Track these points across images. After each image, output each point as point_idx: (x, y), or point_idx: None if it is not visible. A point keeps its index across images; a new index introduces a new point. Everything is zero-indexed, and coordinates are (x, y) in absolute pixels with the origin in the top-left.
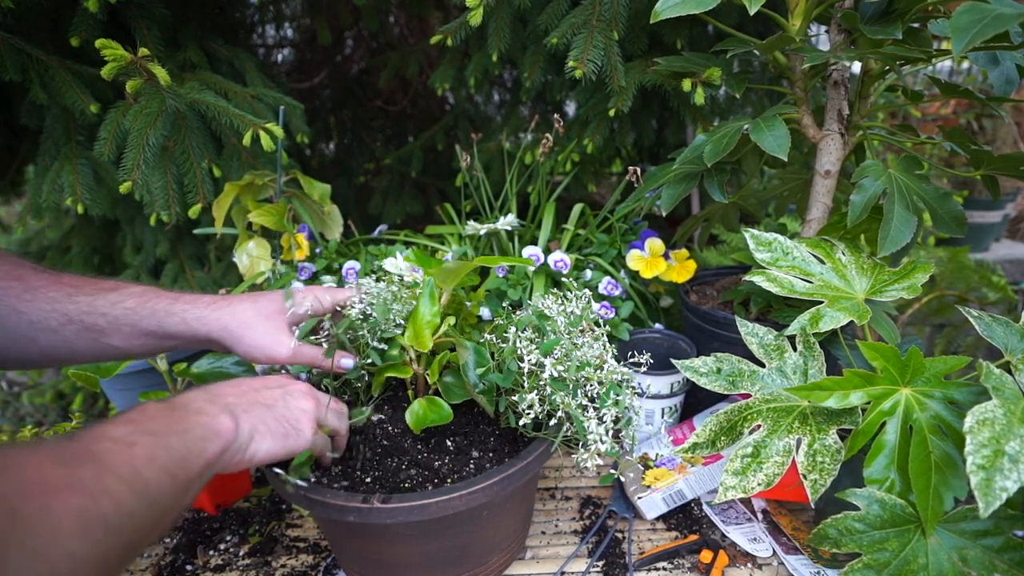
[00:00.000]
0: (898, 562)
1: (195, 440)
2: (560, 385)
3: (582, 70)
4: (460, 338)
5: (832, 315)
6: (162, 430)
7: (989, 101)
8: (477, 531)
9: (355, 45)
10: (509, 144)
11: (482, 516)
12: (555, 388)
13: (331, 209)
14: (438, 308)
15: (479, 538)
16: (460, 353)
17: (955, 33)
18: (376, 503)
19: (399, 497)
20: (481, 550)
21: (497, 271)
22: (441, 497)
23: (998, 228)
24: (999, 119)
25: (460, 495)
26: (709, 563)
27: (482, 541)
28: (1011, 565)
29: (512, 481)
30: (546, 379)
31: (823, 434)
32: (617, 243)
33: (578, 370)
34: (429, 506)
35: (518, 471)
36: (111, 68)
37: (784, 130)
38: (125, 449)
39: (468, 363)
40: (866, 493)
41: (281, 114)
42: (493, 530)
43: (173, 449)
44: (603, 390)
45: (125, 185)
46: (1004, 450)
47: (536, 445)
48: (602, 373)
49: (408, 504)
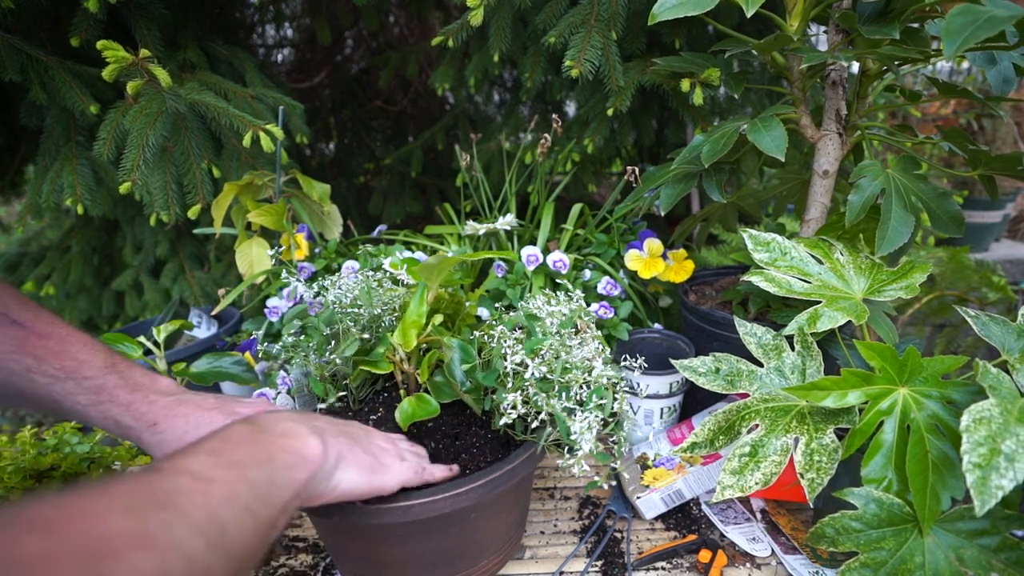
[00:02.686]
0: (895, 561)
1: (280, 469)
2: (545, 386)
3: (579, 70)
4: (446, 336)
5: (830, 315)
6: (245, 460)
7: (988, 101)
8: (465, 533)
9: (355, 45)
10: (509, 144)
11: (469, 518)
12: (539, 389)
13: (330, 209)
14: (425, 307)
15: (468, 540)
16: (445, 351)
17: (947, 36)
18: (358, 504)
19: (383, 498)
20: (471, 552)
21: (496, 271)
22: (425, 499)
23: (998, 228)
24: (999, 119)
25: (444, 497)
26: (708, 563)
27: (471, 543)
28: (1008, 564)
29: (498, 484)
30: (530, 379)
31: (821, 433)
32: (616, 243)
33: (564, 372)
34: (413, 507)
35: (504, 474)
36: (112, 69)
37: (781, 130)
38: (203, 488)
39: (454, 360)
40: (863, 492)
41: (281, 114)
42: (483, 532)
43: (256, 484)
44: (589, 393)
45: (125, 186)
46: (1000, 449)
47: (524, 448)
48: (590, 376)
49: (392, 505)
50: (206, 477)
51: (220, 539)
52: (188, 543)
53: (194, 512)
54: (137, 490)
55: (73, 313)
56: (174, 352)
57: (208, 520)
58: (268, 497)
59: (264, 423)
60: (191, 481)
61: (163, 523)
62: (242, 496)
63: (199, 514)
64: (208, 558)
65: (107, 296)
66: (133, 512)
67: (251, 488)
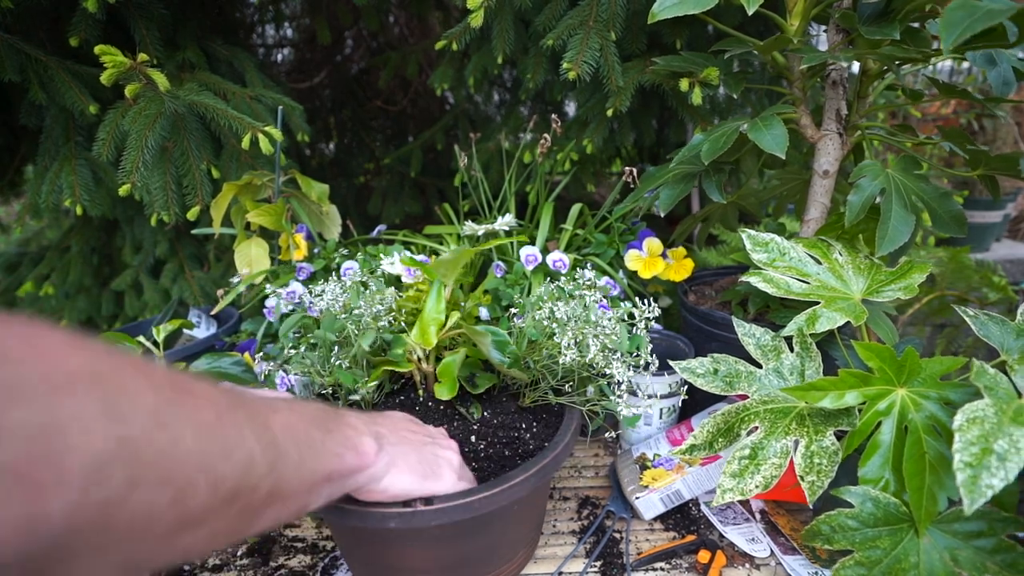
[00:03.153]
0: (889, 560)
1: (335, 442)
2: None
3: (576, 72)
4: (472, 327)
5: (828, 316)
6: (310, 417)
7: (988, 101)
8: (507, 526)
9: (355, 45)
10: (508, 144)
11: (513, 511)
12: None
13: (329, 209)
14: (443, 305)
15: (505, 536)
16: (478, 340)
17: (945, 28)
18: (420, 506)
19: (441, 498)
20: (509, 544)
21: (495, 271)
22: (484, 494)
23: (998, 228)
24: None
25: (502, 490)
26: (707, 563)
27: (507, 539)
28: (1002, 567)
29: (548, 471)
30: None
31: (820, 435)
32: (615, 243)
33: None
34: (473, 504)
35: (551, 461)
36: (110, 74)
37: (782, 129)
38: (266, 405)
39: (489, 345)
40: (860, 491)
41: (280, 115)
42: (519, 526)
43: (312, 438)
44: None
45: (124, 188)
46: (992, 448)
47: (562, 435)
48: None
49: (453, 504)
50: (271, 404)
51: (268, 450)
52: (174, 427)
53: (255, 415)
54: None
55: (72, 313)
56: (173, 352)
57: (263, 428)
58: (313, 451)
59: (336, 411)
60: (257, 399)
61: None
62: (299, 430)
63: (258, 422)
64: (193, 471)
65: (107, 296)
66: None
67: (307, 433)
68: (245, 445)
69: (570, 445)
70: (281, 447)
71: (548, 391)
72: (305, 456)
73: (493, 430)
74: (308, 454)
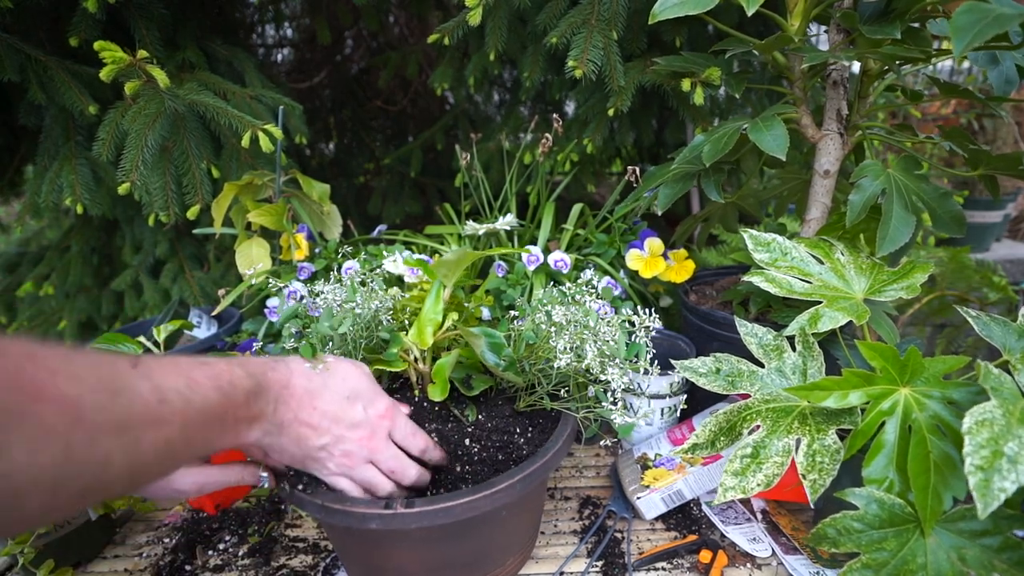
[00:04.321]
0: (896, 561)
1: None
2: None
3: (582, 70)
4: (467, 329)
5: (831, 315)
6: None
7: (989, 101)
8: (507, 525)
9: (355, 45)
10: (508, 144)
11: (501, 516)
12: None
13: (330, 209)
14: (442, 305)
15: (505, 534)
16: (472, 341)
17: (956, 33)
18: (400, 508)
19: (423, 501)
20: (500, 548)
21: (496, 271)
22: (465, 499)
23: (999, 228)
24: (1000, 119)
25: (484, 495)
26: (708, 563)
27: (504, 539)
28: (1010, 565)
29: (535, 477)
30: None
31: (822, 434)
32: (616, 243)
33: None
34: (454, 508)
35: (539, 468)
36: (110, 70)
37: (783, 130)
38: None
39: (483, 347)
40: (865, 492)
41: (280, 115)
42: (515, 526)
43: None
44: (613, 332)
45: (124, 186)
46: (1003, 451)
47: (553, 441)
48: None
49: (434, 508)
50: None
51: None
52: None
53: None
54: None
55: (72, 313)
56: (174, 352)
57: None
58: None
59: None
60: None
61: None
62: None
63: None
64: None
65: (106, 296)
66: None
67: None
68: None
69: (562, 452)
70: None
71: (544, 396)
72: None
73: (487, 433)
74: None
